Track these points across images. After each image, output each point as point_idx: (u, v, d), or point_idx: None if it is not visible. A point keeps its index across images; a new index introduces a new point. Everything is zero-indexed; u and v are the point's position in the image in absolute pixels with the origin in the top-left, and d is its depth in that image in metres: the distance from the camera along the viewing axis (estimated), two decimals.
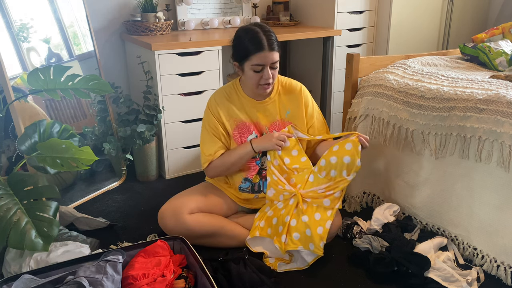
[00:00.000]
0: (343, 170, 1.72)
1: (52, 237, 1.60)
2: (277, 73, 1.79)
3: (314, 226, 1.69)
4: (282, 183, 1.79)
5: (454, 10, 3.28)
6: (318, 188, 1.74)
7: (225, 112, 1.82)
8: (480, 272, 1.67)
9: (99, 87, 1.93)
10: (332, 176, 1.74)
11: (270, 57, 1.69)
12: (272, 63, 1.70)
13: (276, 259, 1.76)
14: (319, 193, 1.74)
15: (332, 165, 1.73)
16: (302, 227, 1.70)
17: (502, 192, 1.63)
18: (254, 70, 1.70)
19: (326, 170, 1.74)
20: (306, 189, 1.77)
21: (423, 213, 1.93)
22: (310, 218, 1.71)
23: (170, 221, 1.78)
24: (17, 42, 2.03)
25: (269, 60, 1.69)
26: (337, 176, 1.73)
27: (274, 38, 1.71)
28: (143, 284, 1.39)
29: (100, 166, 2.43)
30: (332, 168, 1.73)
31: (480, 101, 1.69)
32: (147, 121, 2.41)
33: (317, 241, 1.67)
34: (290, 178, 1.81)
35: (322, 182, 1.75)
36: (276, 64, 1.73)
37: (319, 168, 1.76)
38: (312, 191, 1.75)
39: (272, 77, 1.73)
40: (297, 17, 3.26)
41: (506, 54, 2.28)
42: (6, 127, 1.97)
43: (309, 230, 1.69)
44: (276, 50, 1.70)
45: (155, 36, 2.58)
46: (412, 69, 2.14)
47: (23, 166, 1.86)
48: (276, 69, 1.75)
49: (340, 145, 1.73)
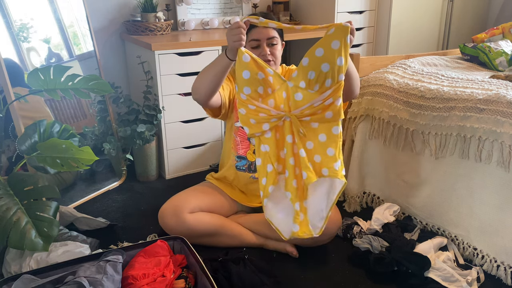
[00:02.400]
0: (340, 74, 1.44)
1: (52, 237, 1.60)
2: (278, 53, 1.77)
3: (323, 149, 1.50)
4: (264, 109, 1.52)
5: (454, 10, 3.28)
6: (314, 101, 1.48)
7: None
8: (480, 272, 1.67)
9: (99, 87, 1.93)
10: (327, 86, 1.46)
11: (264, 32, 1.70)
12: (268, 39, 1.71)
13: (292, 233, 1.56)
14: (317, 106, 1.48)
15: (326, 74, 1.44)
16: (310, 155, 1.51)
17: (502, 192, 1.63)
18: (251, 47, 1.71)
19: (319, 82, 1.46)
20: (295, 109, 1.50)
21: (423, 213, 1.93)
22: (315, 143, 1.51)
23: (170, 220, 1.78)
24: (17, 42, 2.03)
25: (263, 35, 1.70)
26: (332, 83, 1.45)
27: (270, 17, 1.71)
28: (143, 284, 1.39)
29: (100, 166, 2.43)
30: (328, 77, 1.44)
31: (480, 101, 1.69)
32: (147, 121, 2.41)
33: (330, 163, 1.50)
34: (267, 102, 1.54)
35: (315, 97, 1.48)
36: (274, 41, 1.73)
37: (309, 82, 1.47)
38: (308, 107, 1.48)
39: (271, 54, 1.72)
40: (297, 17, 3.26)
41: (506, 54, 2.28)
42: (6, 127, 1.97)
43: (318, 156, 1.51)
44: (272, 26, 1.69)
45: (155, 36, 2.58)
46: (412, 69, 2.14)
47: (23, 166, 1.86)
48: (275, 46, 1.74)
49: (325, 46, 1.42)
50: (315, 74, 1.45)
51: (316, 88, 1.47)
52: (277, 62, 1.78)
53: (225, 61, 1.55)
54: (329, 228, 1.74)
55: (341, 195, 2.24)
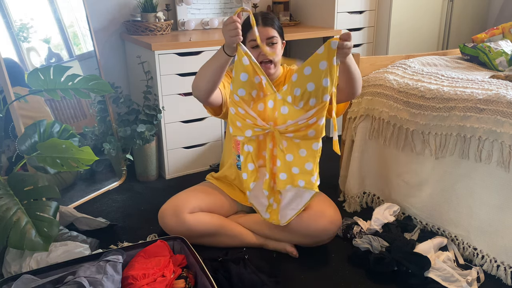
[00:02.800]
0: (324, 95, 1.49)
1: (52, 237, 1.60)
2: (279, 52, 1.76)
3: (301, 163, 1.58)
4: (252, 117, 1.58)
5: (454, 10, 3.28)
6: (298, 119, 1.54)
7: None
8: (480, 272, 1.67)
9: (99, 87, 1.93)
10: (311, 105, 1.51)
11: (264, 32, 1.69)
12: (268, 39, 1.70)
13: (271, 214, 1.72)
14: (301, 124, 1.54)
15: (311, 94, 1.49)
16: (288, 167, 1.60)
17: (502, 192, 1.63)
18: (252, 46, 1.71)
19: (303, 100, 1.51)
20: (280, 124, 1.57)
21: (423, 213, 1.93)
22: (295, 156, 1.59)
23: (170, 220, 1.78)
24: (17, 42, 2.03)
25: (263, 35, 1.69)
26: (317, 103, 1.51)
27: (270, 16, 1.73)
28: (143, 284, 1.39)
29: (100, 166, 2.43)
30: (312, 96, 1.50)
31: (480, 101, 1.69)
32: (147, 121, 2.41)
33: (307, 176, 1.59)
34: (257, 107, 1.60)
35: (300, 114, 1.54)
36: (274, 40, 1.72)
37: (294, 98, 1.52)
38: (292, 125, 1.55)
39: (271, 54, 1.71)
40: (297, 17, 3.26)
41: (506, 54, 2.28)
42: (6, 127, 1.97)
43: (296, 168, 1.59)
44: (271, 25, 1.71)
45: (155, 36, 2.58)
46: (412, 69, 2.14)
47: (23, 166, 1.86)
48: (275, 45, 1.73)
49: (313, 65, 1.47)
50: (300, 92, 1.50)
51: (301, 105, 1.53)
52: (278, 62, 1.78)
53: (223, 57, 1.56)
54: (329, 228, 1.75)
55: (341, 195, 2.27)
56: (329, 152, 1.73)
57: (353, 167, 2.16)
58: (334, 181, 2.31)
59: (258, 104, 1.60)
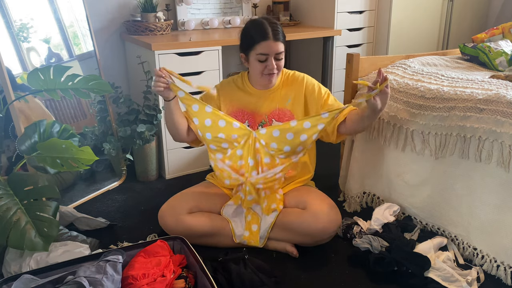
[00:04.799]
0: (298, 147, 1.66)
1: (52, 237, 1.60)
2: (283, 66, 1.79)
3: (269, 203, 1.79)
4: (227, 171, 1.73)
5: (454, 10, 3.28)
6: (273, 171, 1.69)
7: (226, 95, 1.85)
8: (480, 272, 1.67)
9: (99, 87, 1.93)
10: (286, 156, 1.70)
11: (275, 47, 1.69)
12: (276, 54, 1.71)
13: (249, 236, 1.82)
14: (269, 178, 1.70)
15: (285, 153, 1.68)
16: (256, 220, 1.80)
17: (502, 192, 1.63)
18: (259, 60, 1.71)
19: (286, 154, 1.68)
20: (259, 172, 1.70)
21: (423, 213, 1.93)
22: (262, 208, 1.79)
23: (170, 221, 1.78)
24: (17, 42, 2.03)
25: (273, 50, 1.70)
26: (290, 152, 1.67)
27: (279, 30, 1.72)
28: (143, 284, 1.39)
29: (100, 166, 2.43)
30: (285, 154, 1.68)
31: (480, 101, 1.69)
32: (147, 121, 2.41)
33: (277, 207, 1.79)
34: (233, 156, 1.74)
35: (278, 165, 1.70)
36: (281, 56, 1.73)
37: (277, 151, 1.67)
38: (263, 177, 1.70)
39: (276, 68, 1.74)
40: (297, 17, 3.26)
41: (506, 54, 2.28)
42: (6, 127, 1.97)
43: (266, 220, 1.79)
44: (281, 41, 1.71)
45: (155, 36, 2.58)
46: (412, 69, 2.14)
47: (23, 166, 1.86)
48: (281, 61, 1.75)
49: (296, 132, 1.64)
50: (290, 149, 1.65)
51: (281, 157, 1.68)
52: (280, 73, 1.82)
53: (166, 104, 1.73)
54: (329, 228, 1.75)
55: (341, 195, 2.27)
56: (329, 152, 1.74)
57: (353, 167, 2.16)
58: (334, 181, 2.31)
59: (237, 151, 1.71)
